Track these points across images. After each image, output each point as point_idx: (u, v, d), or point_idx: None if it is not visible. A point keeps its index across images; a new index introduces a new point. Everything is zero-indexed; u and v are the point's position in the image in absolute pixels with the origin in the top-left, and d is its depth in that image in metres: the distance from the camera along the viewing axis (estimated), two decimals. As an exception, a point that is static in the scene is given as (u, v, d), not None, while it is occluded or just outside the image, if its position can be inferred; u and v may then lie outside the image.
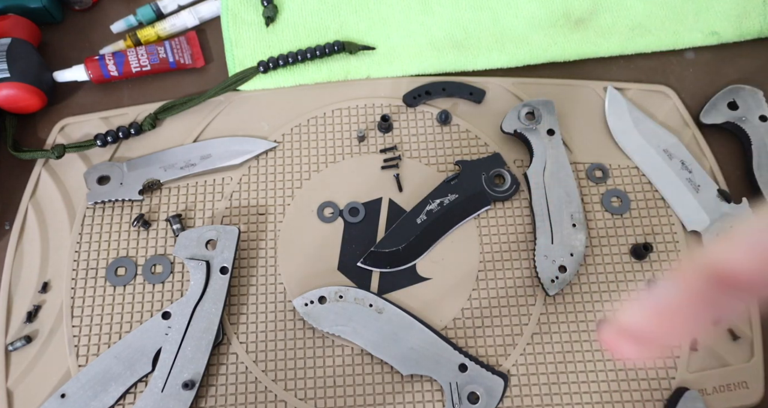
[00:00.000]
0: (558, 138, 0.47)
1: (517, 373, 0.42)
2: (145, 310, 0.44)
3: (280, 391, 0.42)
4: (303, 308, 0.43)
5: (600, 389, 0.42)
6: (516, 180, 0.47)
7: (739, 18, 0.51)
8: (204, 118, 0.50)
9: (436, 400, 0.42)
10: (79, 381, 0.41)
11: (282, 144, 0.49)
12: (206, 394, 0.42)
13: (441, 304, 0.44)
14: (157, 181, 0.47)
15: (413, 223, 0.46)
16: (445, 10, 0.53)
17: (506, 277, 0.45)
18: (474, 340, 0.43)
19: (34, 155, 0.47)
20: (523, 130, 0.47)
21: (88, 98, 0.51)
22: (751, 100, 0.48)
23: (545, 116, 0.48)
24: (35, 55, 0.49)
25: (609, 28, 0.52)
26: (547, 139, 0.47)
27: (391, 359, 0.42)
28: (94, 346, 0.43)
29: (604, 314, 0.44)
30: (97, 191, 0.46)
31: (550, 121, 0.47)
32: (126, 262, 0.45)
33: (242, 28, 0.52)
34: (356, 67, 0.51)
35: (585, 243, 0.44)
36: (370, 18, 0.53)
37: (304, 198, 0.47)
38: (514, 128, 0.48)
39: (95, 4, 0.55)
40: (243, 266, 0.45)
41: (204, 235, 0.44)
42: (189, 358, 0.41)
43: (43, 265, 0.45)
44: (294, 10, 0.53)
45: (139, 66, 0.50)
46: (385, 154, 0.49)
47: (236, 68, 0.51)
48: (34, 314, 0.44)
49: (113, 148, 0.49)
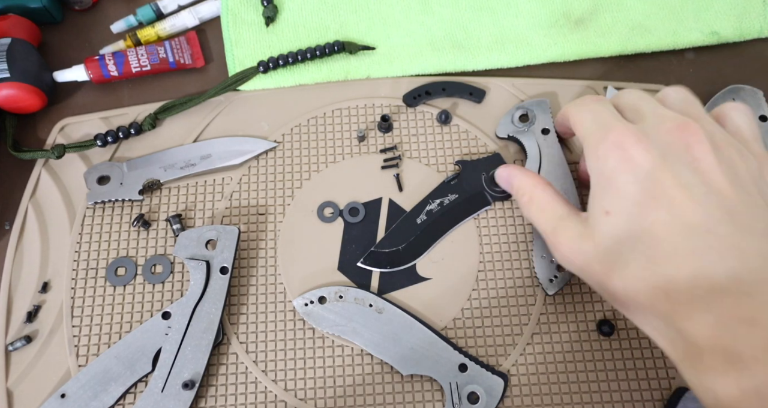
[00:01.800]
0: (553, 136, 0.47)
1: (517, 373, 0.42)
2: (145, 310, 0.44)
3: (279, 391, 0.42)
4: (303, 308, 0.43)
5: (600, 389, 0.42)
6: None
7: (739, 18, 0.51)
8: (204, 118, 0.50)
9: (436, 400, 0.42)
10: (79, 381, 0.41)
11: (282, 144, 0.49)
12: (206, 394, 0.42)
13: (441, 304, 0.44)
14: (157, 181, 0.47)
15: (413, 223, 0.46)
16: (445, 10, 0.53)
17: (506, 277, 0.45)
18: (474, 340, 0.43)
19: (34, 155, 0.47)
20: (515, 133, 0.47)
21: (88, 98, 0.51)
22: (751, 100, 0.48)
23: (539, 116, 0.48)
24: (35, 55, 0.49)
25: (609, 28, 0.52)
26: (542, 139, 0.47)
27: (391, 359, 0.42)
28: (94, 346, 0.43)
29: (603, 314, 0.44)
30: (97, 191, 0.46)
31: (544, 121, 0.47)
32: (126, 262, 0.45)
33: (242, 28, 0.52)
34: (356, 67, 0.51)
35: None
36: (370, 18, 0.53)
37: (304, 198, 0.47)
38: (507, 133, 0.48)
39: (95, 4, 0.55)
40: (243, 266, 0.45)
41: (204, 235, 0.44)
42: (189, 358, 0.41)
43: (43, 265, 0.45)
44: (294, 10, 0.53)
45: (139, 66, 0.50)
46: (385, 154, 0.49)
47: (236, 68, 0.51)
48: (34, 314, 0.44)
49: (113, 148, 0.49)
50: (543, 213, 0.38)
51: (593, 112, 0.36)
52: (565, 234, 0.35)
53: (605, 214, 0.33)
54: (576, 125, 0.37)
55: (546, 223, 0.37)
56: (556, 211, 0.37)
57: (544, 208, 0.38)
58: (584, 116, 0.37)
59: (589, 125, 0.36)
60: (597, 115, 0.36)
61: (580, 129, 0.37)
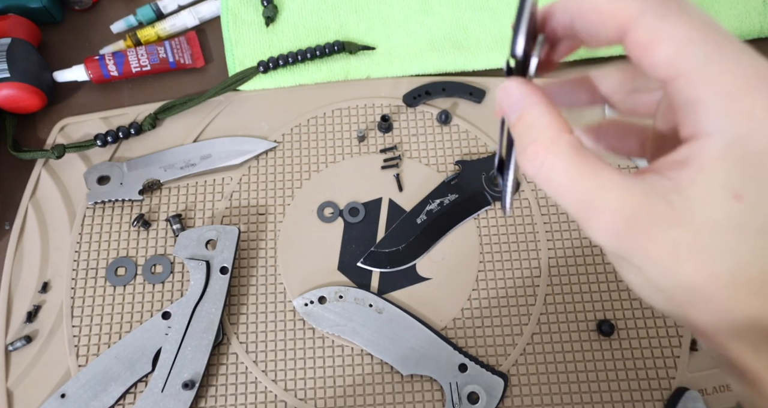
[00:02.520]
0: None
1: (517, 373, 0.42)
2: (145, 310, 0.44)
3: (279, 391, 0.42)
4: (303, 308, 0.43)
5: (600, 389, 0.42)
6: (516, 180, 0.47)
7: (739, 18, 0.51)
8: (204, 118, 0.50)
9: (436, 399, 0.42)
10: (79, 381, 0.41)
11: (282, 144, 0.49)
12: (206, 394, 0.42)
13: (441, 304, 0.44)
14: (157, 181, 0.47)
15: (413, 223, 0.46)
16: (445, 10, 0.53)
17: (506, 277, 0.45)
18: (474, 339, 0.43)
19: (34, 155, 0.47)
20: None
21: (88, 98, 0.51)
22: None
23: None
24: (35, 55, 0.49)
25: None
26: None
27: (391, 359, 0.42)
28: (94, 346, 0.43)
29: (603, 314, 0.44)
30: (97, 191, 0.46)
31: None
32: (126, 262, 0.45)
33: (242, 28, 0.52)
34: (356, 67, 0.51)
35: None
36: (370, 18, 0.53)
37: (304, 198, 0.47)
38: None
39: (95, 4, 0.55)
40: (243, 266, 0.45)
41: (204, 235, 0.44)
42: (189, 358, 0.41)
43: (43, 265, 0.45)
44: (294, 10, 0.53)
45: (139, 66, 0.50)
46: (385, 154, 0.49)
47: (236, 68, 0.51)
48: (34, 314, 0.44)
49: (113, 148, 0.49)
50: (582, 186, 0.20)
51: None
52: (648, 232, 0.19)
53: (735, 198, 0.18)
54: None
55: (575, 194, 0.20)
56: (607, 184, 0.19)
57: (582, 174, 0.20)
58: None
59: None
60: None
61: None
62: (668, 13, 0.19)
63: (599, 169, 0.20)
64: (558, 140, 0.21)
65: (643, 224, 0.19)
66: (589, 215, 0.20)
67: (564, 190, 0.20)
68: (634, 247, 0.19)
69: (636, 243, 0.19)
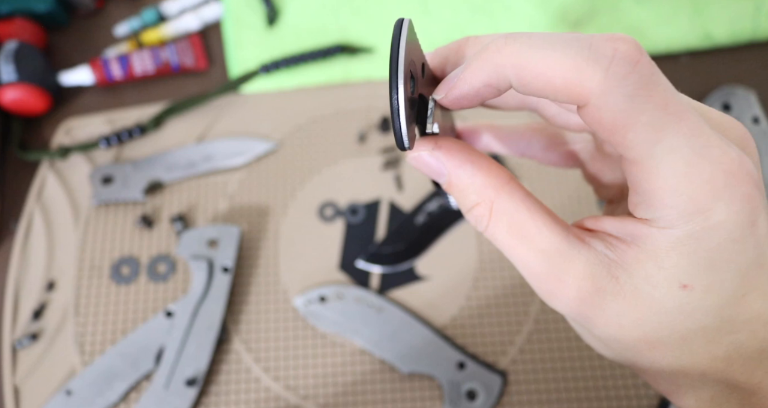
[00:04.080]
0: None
1: (516, 371, 0.43)
2: (149, 308, 0.45)
3: (280, 389, 0.43)
4: (304, 307, 0.44)
5: (597, 387, 0.42)
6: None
7: (731, 22, 0.52)
8: (206, 119, 0.51)
9: (435, 397, 0.42)
10: (85, 378, 0.42)
11: (283, 145, 0.50)
12: (207, 392, 0.42)
13: (440, 303, 0.45)
14: (160, 181, 0.48)
15: (413, 223, 0.47)
16: (444, 13, 0.53)
17: (504, 276, 0.45)
18: (473, 338, 0.44)
19: (40, 156, 0.48)
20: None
21: (92, 100, 0.52)
22: (744, 101, 0.49)
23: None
24: (41, 58, 0.50)
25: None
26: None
27: (391, 358, 0.42)
28: (99, 343, 0.44)
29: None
30: (101, 192, 0.47)
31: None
32: (130, 261, 0.46)
33: (244, 31, 0.53)
34: (356, 68, 0.52)
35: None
36: (371, 20, 0.53)
37: (305, 198, 0.48)
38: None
39: (100, 8, 0.56)
40: (245, 265, 0.46)
41: (206, 234, 0.44)
42: (192, 355, 0.42)
43: (49, 265, 0.46)
44: (295, 13, 0.54)
45: (143, 68, 0.51)
46: (385, 154, 0.49)
47: (238, 70, 0.52)
48: (40, 312, 0.44)
49: (117, 149, 0.50)
50: (526, 248, 0.21)
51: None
52: (599, 309, 0.20)
53: (682, 288, 0.19)
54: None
55: (520, 260, 0.21)
56: (551, 250, 0.20)
57: (525, 236, 0.21)
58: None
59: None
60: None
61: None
62: (637, 93, 0.17)
63: (544, 233, 0.20)
64: (499, 201, 0.21)
65: (588, 295, 0.20)
66: (535, 281, 0.21)
67: (510, 254, 0.21)
68: (581, 314, 0.20)
69: (582, 311, 0.20)
